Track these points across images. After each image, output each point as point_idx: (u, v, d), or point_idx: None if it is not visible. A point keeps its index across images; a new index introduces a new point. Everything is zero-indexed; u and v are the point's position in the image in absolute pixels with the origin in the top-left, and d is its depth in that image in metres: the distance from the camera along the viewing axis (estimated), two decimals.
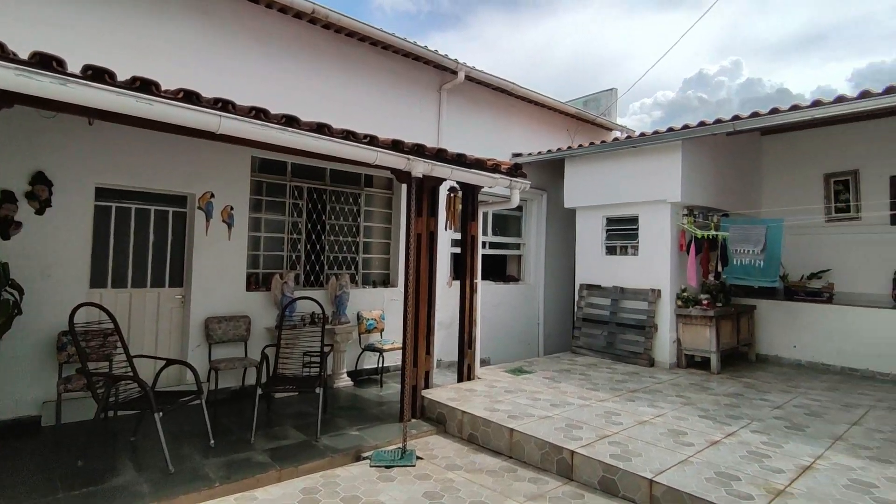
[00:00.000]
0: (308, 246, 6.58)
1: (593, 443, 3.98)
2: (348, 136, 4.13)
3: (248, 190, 5.88)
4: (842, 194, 7.69)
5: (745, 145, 8.22)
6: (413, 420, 4.96)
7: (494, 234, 8.71)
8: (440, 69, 7.53)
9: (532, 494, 3.55)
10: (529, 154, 8.47)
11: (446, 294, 7.25)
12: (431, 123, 7.59)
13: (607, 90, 10.75)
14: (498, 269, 9.21)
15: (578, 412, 4.77)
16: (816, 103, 5.47)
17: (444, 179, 5.12)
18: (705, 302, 6.81)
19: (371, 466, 3.99)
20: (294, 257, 6.45)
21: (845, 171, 7.65)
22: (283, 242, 6.37)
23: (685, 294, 6.95)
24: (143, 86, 3.17)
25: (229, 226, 5.55)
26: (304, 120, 3.94)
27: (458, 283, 6.05)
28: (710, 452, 3.85)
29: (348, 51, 6.69)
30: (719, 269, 7.00)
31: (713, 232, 6.92)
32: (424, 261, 5.27)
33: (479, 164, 5.25)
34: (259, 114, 3.67)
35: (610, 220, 7.82)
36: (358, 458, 4.16)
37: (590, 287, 7.90)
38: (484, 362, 7.75)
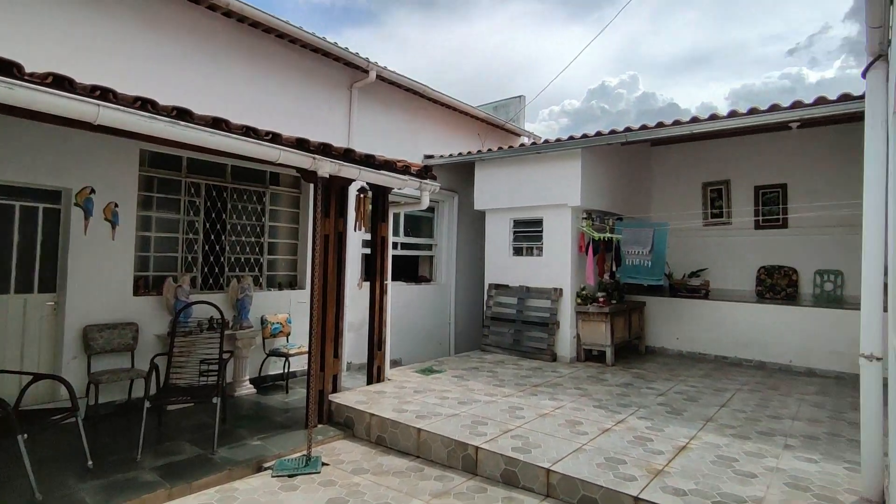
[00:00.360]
0: (206, 247, 6.18)
1: (497, 437, 4.13)
2: (248, 132, 3.94)
3: (137, 186, 5.41)
4: (716, 201, 8.62)
5: (638, 155, 8.94)
6: (320, 426, 4.84)
7: (406, 234, 8.74)
8: (351, 67, 7.42)
9: (437, 492, 3.61)
10: (441, 156, 8.60)
11: (357, 295, 7.15)
12: (342, 122, 7.45)
13: (516, 97, 11.18)
14: (410, 270, 9.25)
15: (485, 408, 4.92)
16: (694, 119, 6.09)
17: (353, 180, 5.05)
18: (601, 300, 7.31)
19: (273, 477, 3.84)
20: (190, 259, 6.03)
21: (719, 180, 8.58)
22: (178, 243, 5.93)
23: (584, 292, 7.43)
24: (1, 67, 2.80)
25: (113, 225, 5.08)
26: (199, 113, 3.70)
27: (368, 284, 5.99)
28: (602, 439, 4.15)
29: (253, 44, 6.37)
30: (614, 268, 7.55)
31: (609, 234, 7.45)
32: (333, 262, 5.17)
33: (388, 166, 5.24)
34: (145, 105, 3.39)
35: (517, 223, 8.15)
36: (259, 469, 3.99)
37: (498, 287, 8.18)
38: (395, 363, 7.74)
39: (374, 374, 5.78)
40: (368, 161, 4.97)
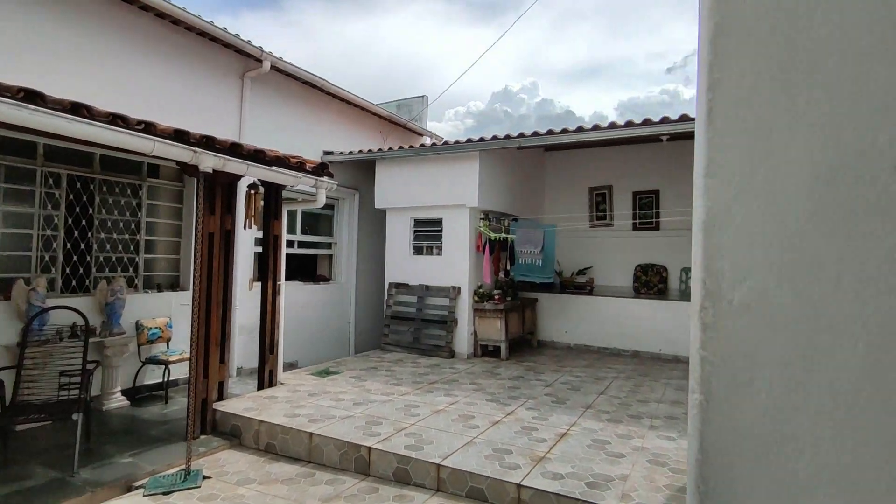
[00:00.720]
0: (69, 245, 5.52)
1: (391, 436, 4.15)
2: (115, 120, 3.57)
3: None
4: (601, 205, 9.35)
5: (533, 159, 9.43)
6: (203, 437, 4.54)
7: (305, 233, 8.46)
8: (243, 56, 7.01)
9: (328, 496, 3.55)
10: (341, 153, 8.43)
11: (251, 297, 6.79)
12: (233, 114, 7.01)
13: (419, 97, 11.27)
14: (308, 269, 8.97)
15: (380, 408, 4.92)
16: (579, 129, 6.55)
17: (242, 176, 4.79)
18: (497, 297, 7.63)
19: (145, 496, 3.53)
20: (48, 258, 5.34)
21: (603, 185, 9.32)
22: (33, 240, 5.23)
23: (481, 290, 7.69)
24: None
25: None
26: (54, 97, 3.29)
27: (260, 284, 5.71)
28: (492, 432, 4.33)
29: (134, 24, 5.78)
30: (508, 267, 7.90)
31: (504, 234, 7.78)
32: (219, 261, 4.86)
33: (280, 162, 5.03)
34: None
35: (417, 222, 8.22)
36: (129, 489, 3.65)
37: (398, 286, 8.20)
38: (292, 366, 7.47)
39: (265, 378, 5.53)
40: (258, 156, 4.74)
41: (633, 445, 4.09)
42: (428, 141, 11.07)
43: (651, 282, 8.74)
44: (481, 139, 7.18)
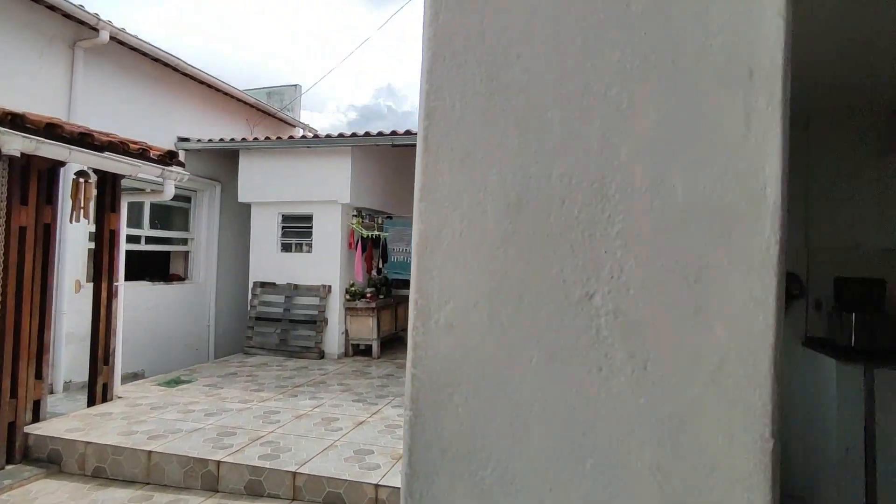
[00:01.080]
0: None
1: (244, 447, 3.89)
2: None
3: None
4: None
5: (407, 157, 9.48)
6: (9, 467, 3.86)
7: (154, 227, 7.60)
8: (74, 22, 6.06)
9: None
10: (199, 141, 7.71)
11: (82, 300, 5.92)
12: (60, 90, 6.03)
13: (291, 85, 10.75)
14: (159, 268, 8.09)
15: (236, 417, 4.60)
16: None
17: (65, 162, 4.14)
18: (369, 295, 7.56)
19: None
20: None
21: None
22: None
23: (353, 288, 7.56)
24: None
25: None
26: None
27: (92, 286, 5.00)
28: (355, 433, 4.27)
29: None
30: (381, 265, 7.87)
31: (377, 232, 7.73)
32: (33, 260, 4.15)
33: (115, 147, 4.44)
34: None
35: (286, 217, 7.83)
36: None
37: (264, 285, 7.75)
38: (136, 376, 6.68)
39: (97, 393, 4.87)
40: (85, 140, 4.13)
41: None
42: (298, 133, 10.60)
43: None
44: (354, 134, 7.05)
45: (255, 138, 7.73)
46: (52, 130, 3.81)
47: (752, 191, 0.44)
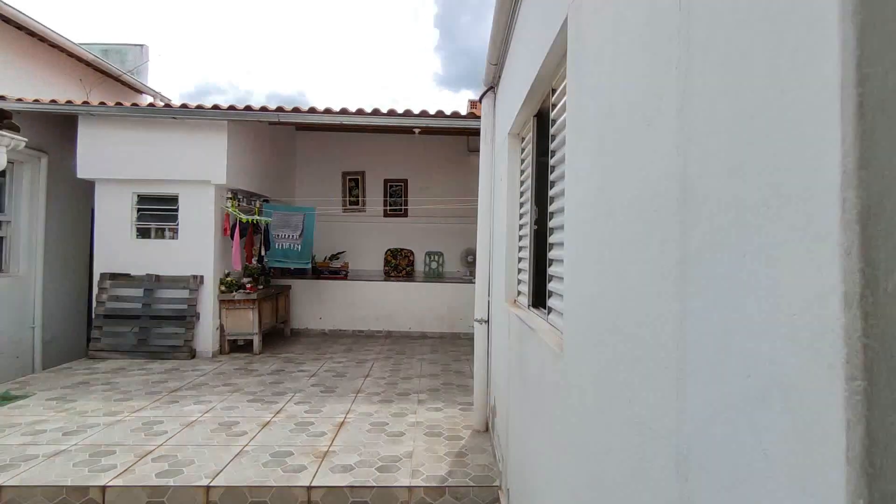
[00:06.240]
0: None
1: (133, 466, 3.31)
2: None
3: None
4: (353, 190, 9.43)
5: (284, 137, 8.81)
6: None
7: None
8: None
9: None
10: (20, 100, 6.20)
11: None
12: None
13: (137, 45, 9.21)
14: None
15: (108, 433, 3.87)
16: (343, 111, 6.42)
17: None
18: (249, 286, 6.90)
19: None
20: None
21: (356, 171, 9.41)
22: None
23: (229, 279, 6.83)
24: None
25: None
26: None
27: None
28: (264, 435, 3.90)
29: None
30: (263, 252, 7.24)
31: (258, 217, 7.07)
32: None
33: None
34: None
35: (143, 199, 6.74)
36: None
37: (115, 276, 6.59)
38: None
39: None
40: None
41: (409, 422, 4.27)
42: (148, 101, 9.15)
43: (400, 265, 9.29)
44: (232, 107, 6.31)
45: (103, 103, 6.47)
46: None
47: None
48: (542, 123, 2.63)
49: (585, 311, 1.33)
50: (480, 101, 4.21)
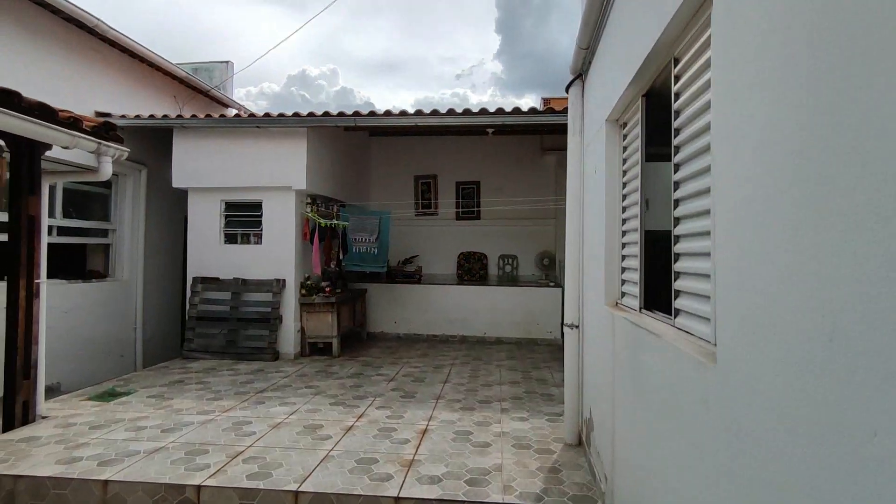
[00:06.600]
0: None
1: (225, 466, 3.34)
2: None
3: None
4: (426, 193, 9.39)
5: (358, 144, 8.94)
6: None
7: (68, 216, 6.49)
8: None
9: None
10: (124, 117, 6.69)
11: None
12: None
13: (223, 62, 9.74)
14: (74, 263, 6.96)
15: (201, 432, 3.97)
16: (418, 113, 6.36)
17: None
18: (327, 289, 7.00)
19: None
20: None
21: (428, 174, 9.37)
22: None
23: (309, 282, 6.97)
24: None
25: None
26: None
27: (4, 285, 4.09)
28: (348, 440, 3.84)
29: None
30: (341, 256, 7.33)
31: (335, 221, 7.17)
32: None
33: (47, 111, 3.63)
34: None
35: (230, 206, 7.04)
36: None
37: (206, 280, 6.92)
38: (52, 390, 5.68)
39: (18, 413, 4.00)
40: (9, 99, 3.30)
41: (494, 431, 4.06)
42: (233, 114, 9.64)
43: (473, 269, 9.12)
44: (311, 114, 6.44)
45: (194, 115, 6.84)
46: None
47: None
48: (653, 104, 2.35)
49: (765, 317, 1.06)
50: (567, 90, 3.94)
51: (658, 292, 2.32)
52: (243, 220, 7.02)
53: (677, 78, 1.87)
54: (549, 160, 8.92)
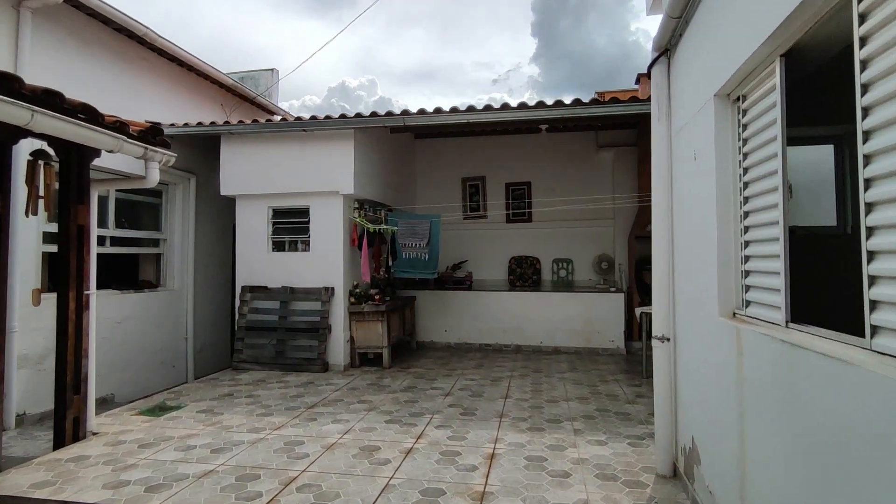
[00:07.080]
0: None
1: (278, 496, 3.03)
2: None
3: None
4: (474, 196, 9.01)
5: (404, 147, 8.67)
6: None
7: (120, 226, 6.48)
8: None
9: None
10: (173, 125, 6.64)
11: (35, 315, 4.82)
12: (3, 57, 4.91)
13: (268, 69, 9.72)
14: (127, 273, 6.97)
15: (252, 453, 3.70)
16: (470, 109, 6.00)
17: (21, 130, 3.14)
18: (377, 297, 6.71)
19: None
20: None
21: (476, 176, 8.98)
22: None
23: (358, 290, 6.70)
24: None
25: None
26: None
27: (54, 296, 3.97)
28: (409, 466, 3.48)
29: None
30: (390, 262, 7.04)
31: (384, 226, 6.89)
32: None
33: (92, 114, 3.46)
34: None
35: (277, 212, 6.87)
36: None
37: (254, 289, 6.76)
38: (105, 402, 5.61)
39: (68, 429, 3.85)
40: (53, 101, 3.14)
41: (571, 458, 3.60)
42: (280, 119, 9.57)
43: (525, 274, 8.65)
44: (358, 115, 6.19)
45: (241, 121, 6.73)
46: (6, 84, 2.82)
47: None
48: (794, 66, 1.88)
49: None
50: (649, 70, 3.47)
51: (808, 301, 1.84)
52: (291, 227, 6.83)
53: (862, 17, 1.40)
54: (606, 157, 8.37)
